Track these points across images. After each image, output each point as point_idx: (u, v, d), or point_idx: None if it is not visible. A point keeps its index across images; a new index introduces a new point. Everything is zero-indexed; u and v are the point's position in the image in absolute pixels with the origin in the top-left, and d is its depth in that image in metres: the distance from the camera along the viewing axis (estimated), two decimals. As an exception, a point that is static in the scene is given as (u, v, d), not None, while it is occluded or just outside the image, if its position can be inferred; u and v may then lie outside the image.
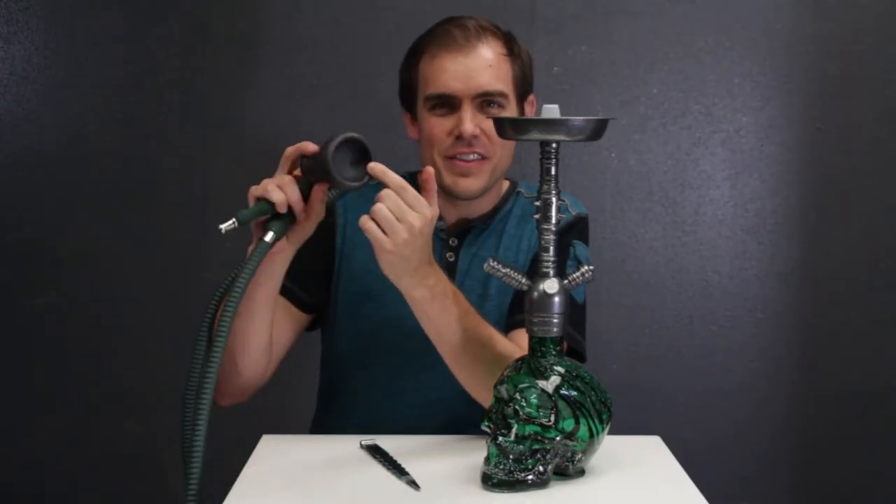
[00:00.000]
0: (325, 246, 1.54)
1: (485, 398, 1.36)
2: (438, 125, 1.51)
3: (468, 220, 1.60)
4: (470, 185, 1.52)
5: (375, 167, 1.28)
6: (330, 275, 1.58)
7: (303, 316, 1.55)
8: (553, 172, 1.26)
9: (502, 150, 1.53)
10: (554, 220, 1.26)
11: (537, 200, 1.27)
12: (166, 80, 2.22)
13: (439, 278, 1.37)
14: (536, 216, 1.27)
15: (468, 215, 1.60)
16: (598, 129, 1.25)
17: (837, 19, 2.22)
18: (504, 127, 1.27)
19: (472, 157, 1.50)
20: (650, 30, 2.23)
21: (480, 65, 1.50)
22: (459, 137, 1.49)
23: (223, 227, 1.27)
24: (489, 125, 1.49)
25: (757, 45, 2.23)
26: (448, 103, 1.51)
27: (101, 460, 2.27)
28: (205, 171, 2.23)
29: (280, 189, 1.30)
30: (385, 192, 1.27)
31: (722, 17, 2.23)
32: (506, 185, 1.65)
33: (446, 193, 1.54)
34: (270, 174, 2.17)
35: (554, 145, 1.26)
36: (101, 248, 2.23)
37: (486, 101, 1.51)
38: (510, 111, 1.53)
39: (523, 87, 1.58)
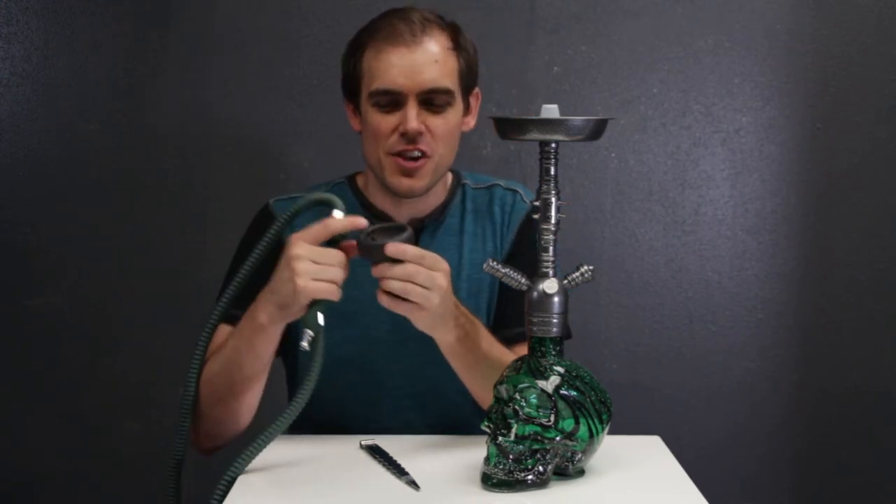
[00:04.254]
0: None
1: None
2: (383, 122, 1.49)
3: (419, 219, 1.58)
4: (413, 184, 1.50)
5: (396, 248, 1.28)
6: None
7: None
8: (552, 172, 1.26)
9: (445, 148, 1.51)
10: (554, 220, 1.27)
11: (537, 200, 1.27)
12: (166, 80, 2.22)
13: (461, 313, 1.39)
14: (536, 216, 1.27)
15: (417, 214, 1.57)
16: (597, 129, 1.25)
17: (837, 19, 2.22)
18: (504, 127, 1.28)
19: (415, 153, 1.48)
20: (650, 30, 2.23)
21: (426, 60, 1.47)
22: (403, 135, 1.47)
23: (305, 343, 1.28)
24: (433, 122, 1.48)
25: (757, 45, 2.23)
26: (393, 100, 1.48)
27: (101, 460, 2.26)
28: (205, 171, 2.23)
29: (338, 286, 1.30)
30: (412, 270, 1.28)
31: (722, 17, 2.23)
32: (448, 177, 1.63)
33: (389, 192, 1.53)
34: (270, 174, 2.19)
35: (553, 145, 1.26)
36: (100, 248, 2.23)
37: (430, 98, 1.48)
38: (456, 107, 1.51)
39: (468, 80, 1.55)
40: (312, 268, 1.28)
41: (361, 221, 1.31)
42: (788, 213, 2.26)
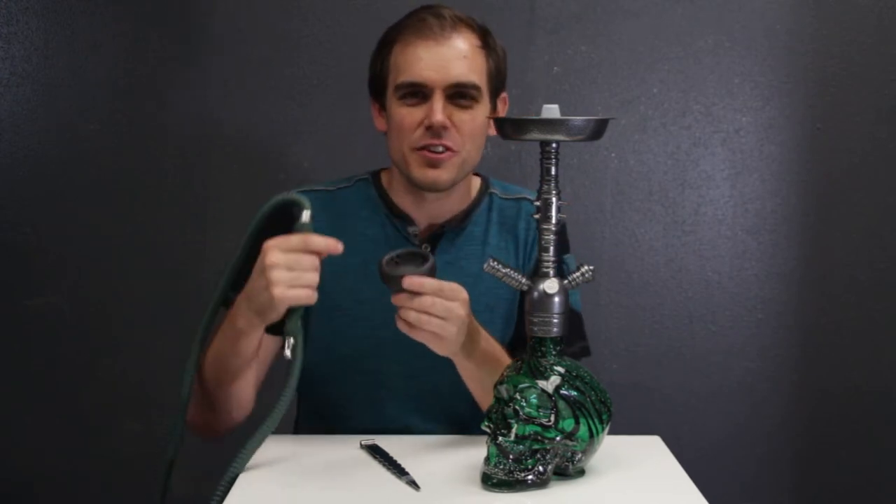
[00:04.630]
0: None
1: None
2: (409, 116, 1.47)
3: (438, 225, 1.55)
4: (439, 176, 1.47)
5: (413, 283, 1.28)
6: None
7: (278, 339, 1.49)
8: (553, 172, 1.26)
9: (472, 144, 1.49)
10: (554, 220, 1.26)
11: (537, 200, 1.27)
12: (166, 80, 2.22)
13: (478, 335, 1.40)
14: (536, 216, 1.27)
15: (438, 217, 1.55)
16: (597, 129, 1.25)
17: (837, 19, 2.22)
18: (504, 127, 1.27)
19: (440, 149, 1.46)
20: (650, 30, 2.23)
21: (455, 55, 1.45)
22: (429, 128, 1.45)
23: (288, 351, 1.31)
24: (459, 117, 1.46)
25: (757, 45, 2.23)
26: (419, 93, 1.46)
27: (101, 460, 2.27)
28: (205, 171, 2.24)
29: (314, 290, 1.31)
30: (429, 302, 1.29)
31: (722, 17, 2.23)
32: (476, 183, 1.60)
33: (414, 186, 1.51)
34: (270, 174, 2.18)
35: (554, 145, 1.26)
36: (101, 247, 2.23)
37: (458, 92, 1.46)
38: (483, 105, 1.49)
39: (497, 82, 1.53)
40: (287, 275, 1.28)
41: (339, 247, 1.32)
42: (788, 213, 2.26)
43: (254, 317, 1.34)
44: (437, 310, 1.29)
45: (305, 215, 1.33)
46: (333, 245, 1.31)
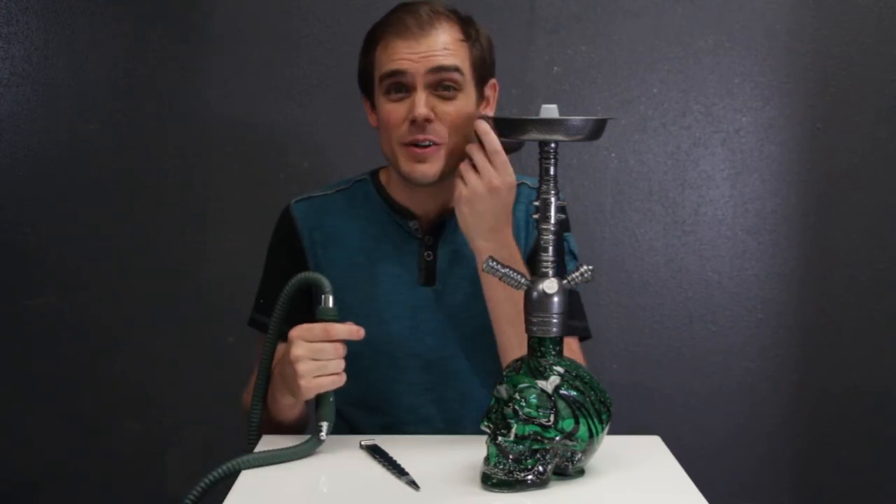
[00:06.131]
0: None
1: None
2: (394, 111, 1.48)
3: (438, 213, 1.56)
4: (426, 170, 1.47)
5: (480, 126, 1.38)
6: (311, 299, 1.55)
7: None
8: (552, 172, 1.26)
9: (457, 136, 1.48)
10: (553, 220, 1.26)
11: (536, 200, 1.27)
12: (166, 80, 2.22)
13: (508, 244, 1.44)
14: (536, 216, 1.27)
15: (438, 210, 1.56)
16: (596, 129, 1.25)
17: (837, 19, 2.22)
18: (503, 127, 1.28)
19: (426, 143, 1.46)
20: (650, 30, 2.23)
21: (434, 49, 1.46)
22: (413, 122, 1.46)
23: (323, 434, 1.38)
24: (443, 109, 1.46)
25: (757, 45, 2.23)
26: (403, 86, 1.47)
27: (101, 460, 2.27)
28: (205, 171, 2.24)
29: (340, 374, 1.37)
30: (477, 156, 1.38)
31: (722, 17, 2.23)
32: None
33: (405, 181, 1.52)
34: (270, 174, 2.18)
35: (553, 145, 1.26)
36: (100, 248, 2.23)
37: (440, 82, 1.46)
38: (467, 94, 1.49)
39: (483, 70, 1.53)
40: (313, 366, 1.35)
41: (360, 333, 1.37)
42: (788, 213, 2.26)
43: (291, 396, 1.43)
44: (476, 157, 1.39)
45: (327, 300, 1.37)
46: (355, 332, 1.37)
